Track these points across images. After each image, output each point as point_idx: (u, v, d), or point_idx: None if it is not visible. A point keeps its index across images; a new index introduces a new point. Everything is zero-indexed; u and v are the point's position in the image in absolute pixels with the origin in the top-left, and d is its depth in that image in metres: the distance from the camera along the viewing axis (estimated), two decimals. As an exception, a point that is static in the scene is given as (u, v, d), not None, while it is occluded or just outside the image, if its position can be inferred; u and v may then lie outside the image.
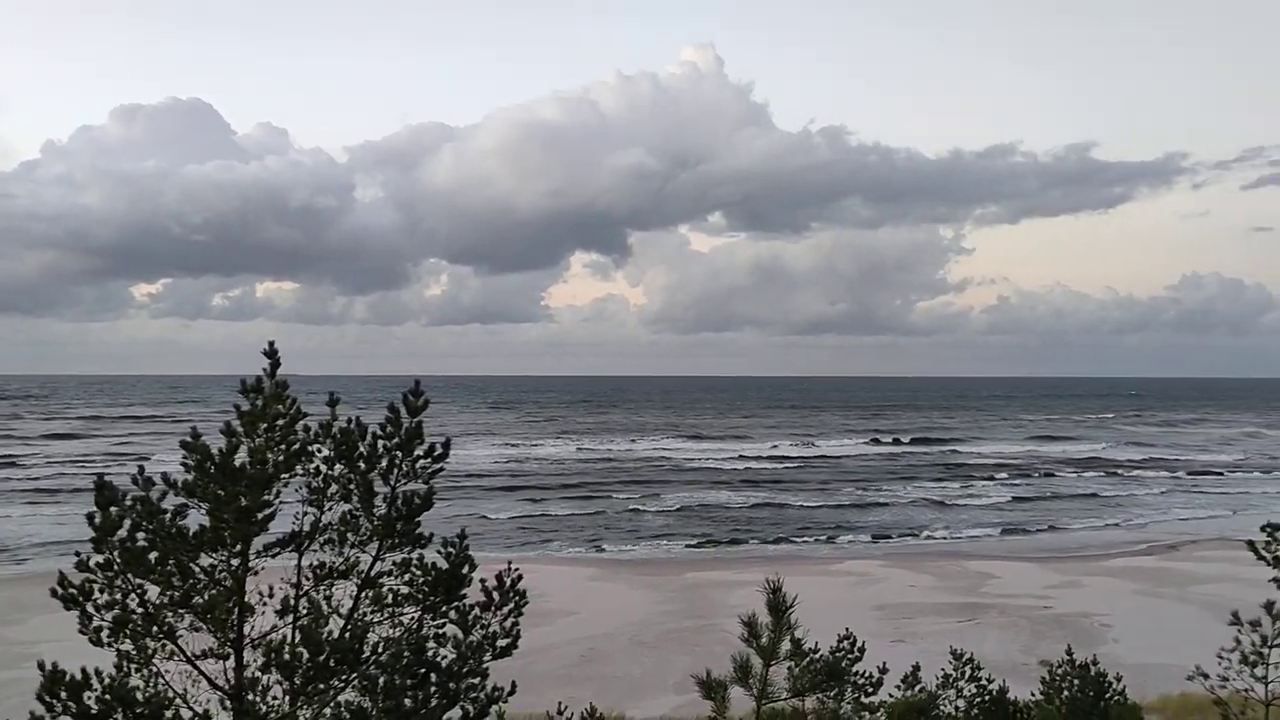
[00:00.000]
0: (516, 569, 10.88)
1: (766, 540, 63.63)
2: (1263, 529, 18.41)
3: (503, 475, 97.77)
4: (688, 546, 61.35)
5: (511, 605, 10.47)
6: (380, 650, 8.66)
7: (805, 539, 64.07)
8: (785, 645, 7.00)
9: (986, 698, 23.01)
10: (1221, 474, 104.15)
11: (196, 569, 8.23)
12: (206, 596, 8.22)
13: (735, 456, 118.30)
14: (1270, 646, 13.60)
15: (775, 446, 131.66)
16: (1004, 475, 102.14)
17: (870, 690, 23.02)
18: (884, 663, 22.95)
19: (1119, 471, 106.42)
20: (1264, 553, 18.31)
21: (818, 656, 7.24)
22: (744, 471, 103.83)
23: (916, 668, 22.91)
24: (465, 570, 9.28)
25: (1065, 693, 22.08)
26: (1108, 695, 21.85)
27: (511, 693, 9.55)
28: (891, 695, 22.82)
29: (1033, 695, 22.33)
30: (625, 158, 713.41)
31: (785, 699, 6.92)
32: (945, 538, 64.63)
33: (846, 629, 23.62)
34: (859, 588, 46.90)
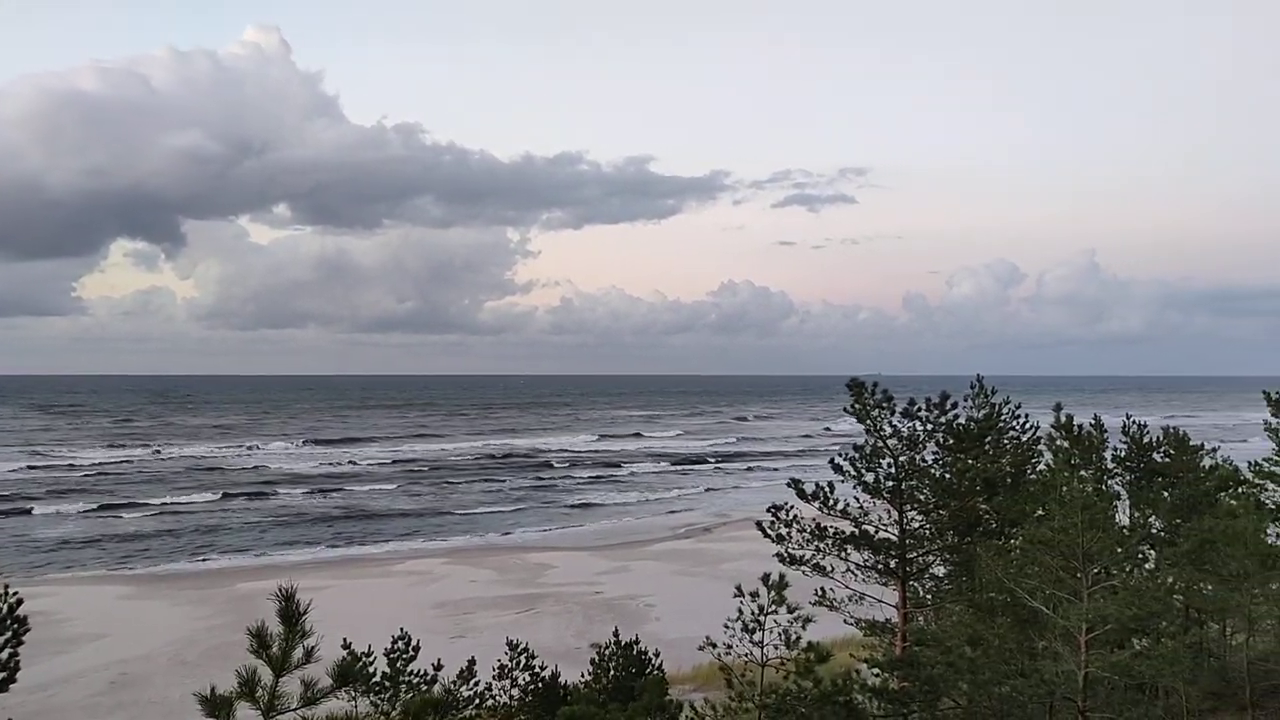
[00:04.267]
0: (15, 593, 9.66)
1: (333, 545, 61.80)
2: (769, 510, 20.96)
3: (42, 489, 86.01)
4: (256, 556, 57.91)
5: (9, 634, 9.34)
6: None
7: (375, 540, 63.16)
8: (298, 654, 6.77)
9: (539, 684, 24.08)
10: (767, 461, 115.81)
11: None
12: None
13: (330, 462, 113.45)
14: (766, 615, 15.43)
15: (363, 447, 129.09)
16: (578, 469, 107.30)
17: (425, 688, 23.27)
18: (439, 659, 23.26)
19: (683, 461, 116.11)
20: (769, 531, 20.86)
21: (342, 661, 7.15)
22: (336, 477, 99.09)
23: (472, 662, 23.42)
24: (-63, 600, 8.09)
25: (611, 671, 23.67)
26: (648, 670, 23.70)
27: (3, 733, 8.46)
28: (452, 691, 23.19)
29: (582, 676, 23.62)
30: (180, 139, 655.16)
31: (296, 709, 6.71)
32: (510, 533, 66.53)
33: (401, 629, 23.68)
34: (420, 586, 46.93)
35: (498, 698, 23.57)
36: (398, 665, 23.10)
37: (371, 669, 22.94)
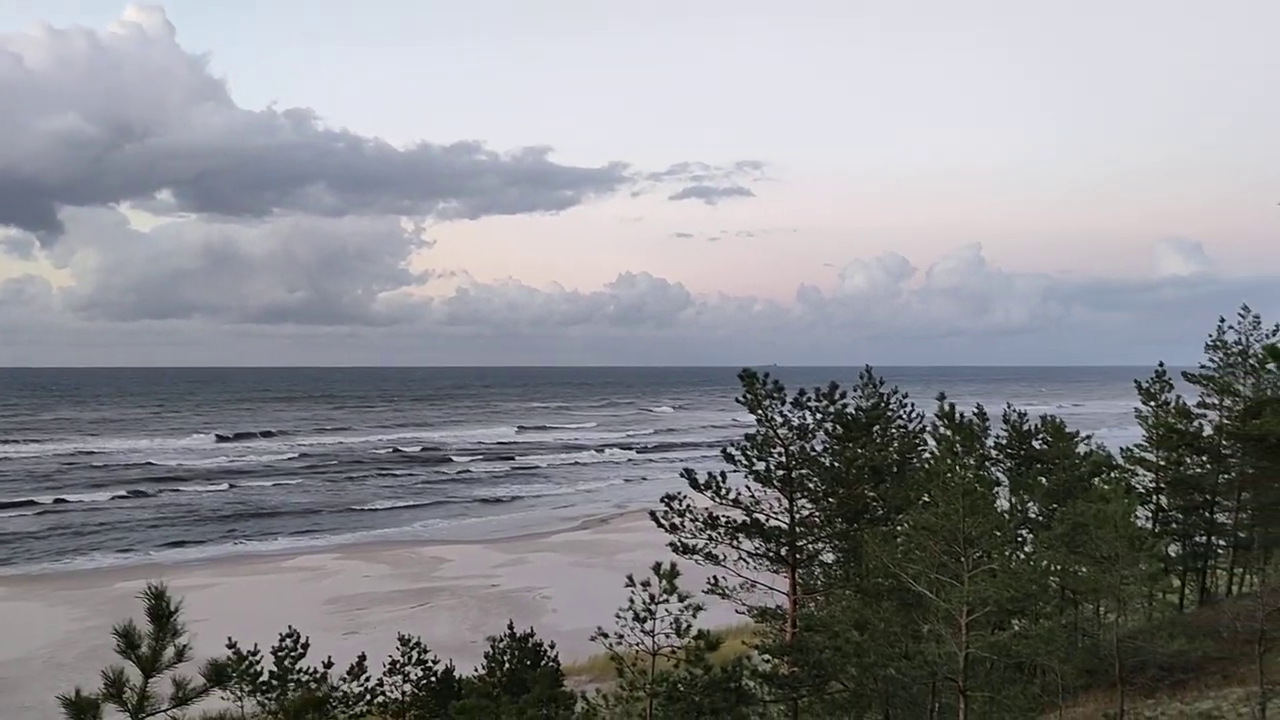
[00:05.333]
0: None
1: (225, 541, 59.97)
2: (662, 500, 21.11)
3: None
4: (143, 555, 55.66)
5: None
6: None
7: (268, 536, 61.55)
8: (169, 653, 6.57)
9: (432, 679, 23.84)
10: (673, 453, 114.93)
11: None
12: None
13: (226, 456, 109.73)
14: (657, 604, 15.54)
15: (263, 441, 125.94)
16: (480, 462, 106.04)
17: (315, 685, 22.83)
18: (329, 657, 22.87)
19: (587, 453, 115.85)
20: (663, 521, 21.00)
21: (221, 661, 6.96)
22: (233, 472, 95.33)
23: (363, 658, 23.07)
24: None
25: (506, 665, 23.57)
26: (543, 662, 23.67)
27: None
28: (336, 688, 22.81)
29: (476, 670, 23.46)
30: (56, 121, 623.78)
31: (167, 710, 6.52)
32: (408, 527, 65.63)
33: (290, 626, 23.21)
34: (312, 583, 46.03)
35: (389, 694, 23.28)
36: (286, 663, 22.64)
37: (258, 667, 22.45)
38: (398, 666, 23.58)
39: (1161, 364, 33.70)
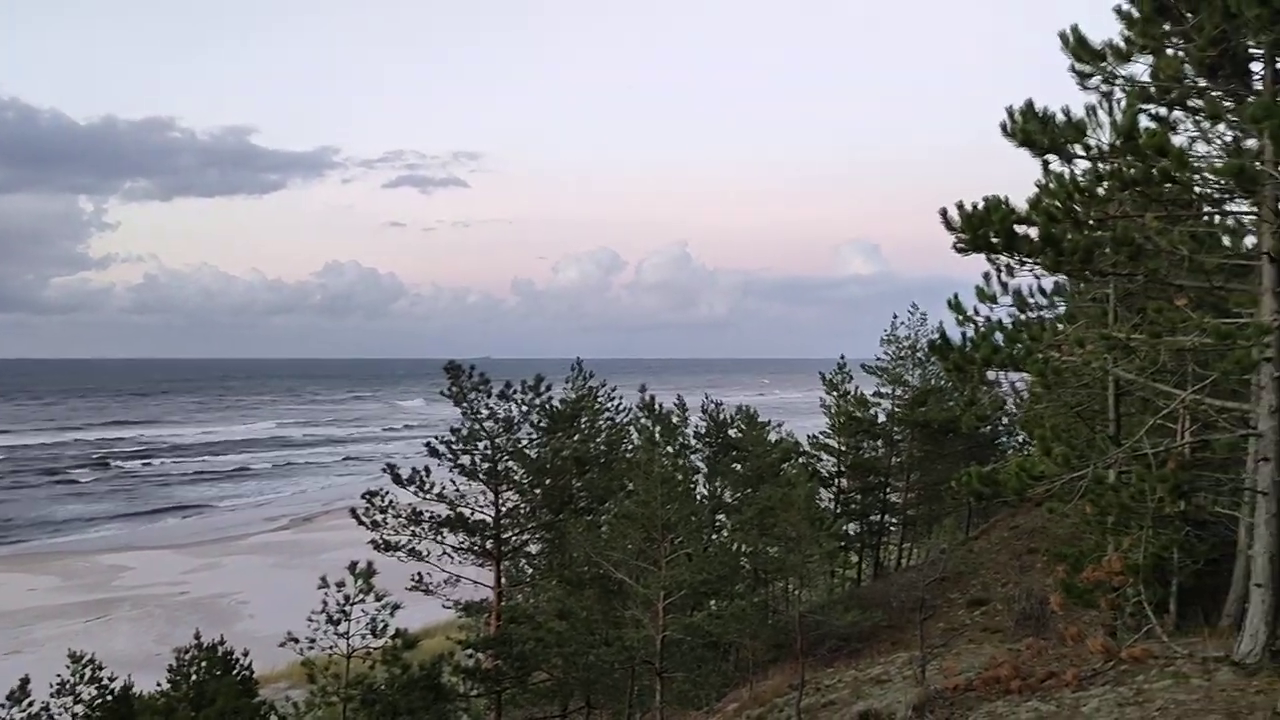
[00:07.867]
0: None
1: None
2: (363, 496, 20.49)
3: None
4: None
5: None
6: None
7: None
8: None
9: (109, 697, 21.90)
10: (373, 446, 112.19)
11: None
12: None
13: None
14: (352, 604, 15.03)
15: None
16: (172, 462, 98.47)
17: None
18: (-16, 681, 20.45)
19: (284, 449, 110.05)
20: (364, 518, 20.39)
21: None
22: None
23: (26, 680, 20.86)
24: None
25: (193, 677, 22.01)
26: (235, 672, 22.30)
27: None
28: (-4, 715, 20.52)
29: (160, 685, 21.80)
30: None
31: None
32: (83, 534, 59.86)
33: (-66, 651, 20.61)
34: (-37, 599, 41.21)
35: (57, 718, 21.22)
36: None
37: (-108, 700, 19.80)
38: (68, 687, 21.49)
39: (843, 356, 36.35)
